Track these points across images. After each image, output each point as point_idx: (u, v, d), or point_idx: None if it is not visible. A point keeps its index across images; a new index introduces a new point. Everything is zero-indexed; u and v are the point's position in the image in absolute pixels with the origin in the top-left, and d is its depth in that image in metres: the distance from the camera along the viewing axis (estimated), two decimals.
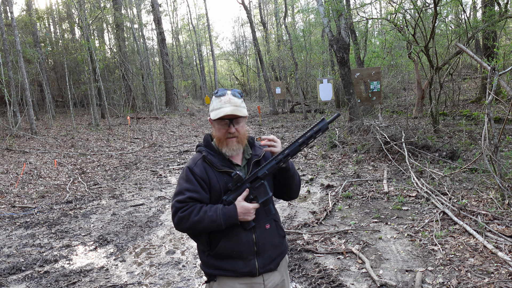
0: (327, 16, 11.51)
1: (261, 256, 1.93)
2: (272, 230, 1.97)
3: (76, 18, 21.80)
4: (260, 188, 1.85)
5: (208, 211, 1.83)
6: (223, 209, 1.83)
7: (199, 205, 1.86)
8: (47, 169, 9.60)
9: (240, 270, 1.90)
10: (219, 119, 1.88)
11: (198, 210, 1.84)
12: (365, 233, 4.54)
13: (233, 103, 1.88)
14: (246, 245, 1.89)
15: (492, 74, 5.03)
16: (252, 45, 34.64)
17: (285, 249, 2.08)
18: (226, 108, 1.86)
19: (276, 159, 1.84)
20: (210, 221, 1.81)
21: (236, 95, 1.92)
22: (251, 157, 2.00)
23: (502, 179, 4.81)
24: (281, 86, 21.43)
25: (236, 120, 1.89)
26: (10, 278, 4.13)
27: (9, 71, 14.30)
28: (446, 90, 13.52)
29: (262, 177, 1.85)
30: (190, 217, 1.82)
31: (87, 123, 18.17)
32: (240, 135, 1.91)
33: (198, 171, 1.90)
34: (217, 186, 1.90)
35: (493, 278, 3.26)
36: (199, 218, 1.82)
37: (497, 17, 10.35)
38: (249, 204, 1.84)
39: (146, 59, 25.57)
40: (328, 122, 1.87)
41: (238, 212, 1.82)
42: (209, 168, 1.92)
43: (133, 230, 5.38)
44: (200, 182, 1.88)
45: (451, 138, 8.90)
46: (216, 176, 1.90)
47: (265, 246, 1.94)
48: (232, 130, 1.88)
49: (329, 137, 10.52)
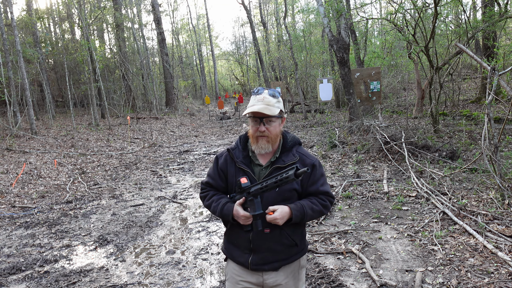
0: (327, 16, 11.51)
1: (255, 255, 2.00)
2: (273, 236, 1.96)
3: (76, 18, 21.81)
4: (251, 202, 1.88)
5: (214, 202, 2.04)
6: (223, 206, 1.97)
7: (212, 192, 2.10)
8: (47, 169, 9.60)
9: (237, 258, 2.06)
10: (249, 116, 1.94)
11: (210, 197, 2.09)
12: (365, 233, 4.54)
13: (266, 101, 1.91)
14: (243, 240, 2.01)
15: (492, 74, 5.03)
16: (252, 45, 34.65)
17: (294, 256, 2.05)
18: (255, 106, 1.90)
19: (261, 184, 1.84)
20: (213, 211, 2.03)
21: (273, 94, 1.94)
22: (276, 160, 2.00)
23: (502, 179, 4.81)
24: (281, 86, 21.43)
25: (267, 120, 1.91)
26: (10, 278, 4.13)
27: (9, 71, 14.30)
28: (446, 90, 13.51)
29: (253, 194, 1.87)
30: (204, 201, 2.12)
31: (87, 123, 18.17)
32: (271, 135, 1.93)
33: (221, 162, 2.08)
34: (232, 180, 2.03)
35: (493, 278, 3.26)
36: (207, 204, 2.08)
37: (497, 17, 10.35)
38: (241, 211, 1.89)
39: (146, 59, 25.57)
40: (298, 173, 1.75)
41: (233, 213, 1.93)
42: (230, 161, 2.05)
43: (133, 230, 5.38)
44: (219, 172, 2.08)
45: (451, 138, 8.89)
46: (234, 171, 2.02)
47: (259, 247, 1.98)
48: (262, 128, 1.91)
49: (329, 137, 10.52)
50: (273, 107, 1.91)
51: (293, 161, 1.97)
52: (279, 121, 1.96)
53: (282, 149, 2.03)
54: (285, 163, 1.97)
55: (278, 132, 1.98)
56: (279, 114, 1.94)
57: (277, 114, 1.92)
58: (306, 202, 1.97)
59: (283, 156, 2.00)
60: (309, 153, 2.12)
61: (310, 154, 2.11)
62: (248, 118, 1.98)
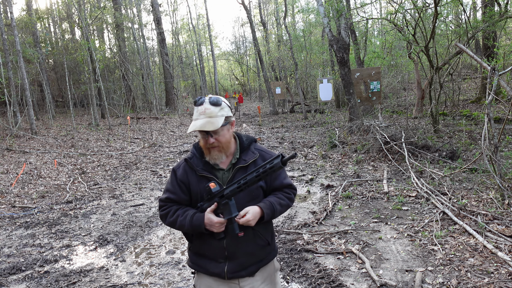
0: (327, 16, 11.51)
1: (231, 262, 1.93)
2: (247, 238, 1.91)
3: (76, 18, 21.80)
4: (225, 206, 1.81)
5: (180, 216, 1.91)
6: (193, 217, 1.87)
7: (175, 207, 1.96)
8: (47, 169, 9.60)
9: (211, 270, 1.96)
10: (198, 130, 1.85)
11: (173, 212, 1.95)
12: (365, 233, 4.54)
13: (208, 114, 1.83)
14: (217, 248, 1.92)
15: (492, 74, 5.03)
16: (252, 45, 34.65)
17: (268, 257, 2.03)
18: (197, 122, 1.83)
19: (238, 183, 1.78)
20: (180, 225, 1.90)
21: (214, 102, 1.85)
22: (237, 161, 1.96)
23: (502, 179, 4.81)
24: (281, 86, 21.44)
25: (214, 131, 1.85)
26: (10, 278, 4.13)
27: (9, 71, 14.30)
28: (446, 90, 13.52)
29: (227, 197, 1.81)
30: (167, 218, 1.96)
31: (87, 123, 18.17)
32: (221, 144, 1.89)
33: (179, 174, 1.97)
34: (196, 189, 1.94)
35: (493, 278, 3.26)
36: (173, 220, 1.93)
37: (497, 17, 10.35)
38: (214, 218, 1.81)
39: (146, 59, 25.57)
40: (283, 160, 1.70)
41: (205, 222, 1.83)
42: (190, 171, 1.95)
43: (133, 230, 5.39)
44: (179, 185, 1.96)
45: (451, 138, 8.90)
46: (196, 180, 1.93)
47: (235, 253, 1.92)
48: (211, 141, 1.86)
49: (329, 137, 10.52)
50: (216, 118, 1.83)
51: (254, 158, 1.95)
52: (227, 127, 1.90)
53: (241, 149, 2.00)
54: (247, 162, 1.94)
55: (229, 138, 1.93)
56: (225, 121, 1.87)
57: (221, 124, 1.85)
58: (274, 199, 1.95)
59: (243, 156, 1.97)
60: (267, 148, 2.10)
61: (268, 149, 2.09)
62: (198, 133, 1.93)
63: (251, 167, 1.93)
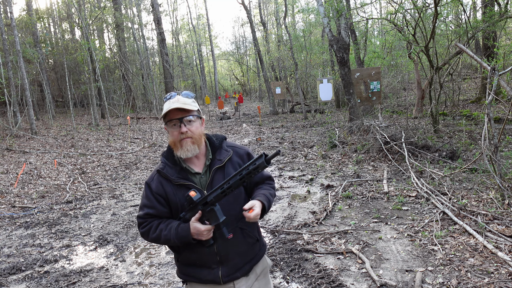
0: (327, 16, 11.51)
1: (225, 266, 1.89)
2: (237, 238, 1.88)
3: (76, 18, 21.79)
4: (210, 212, 1.75)
5: (164, 230, 1.82)
6: (177, 229, 1.79)
7: (156, 221, 1.86)
8: (47, 169, 9.60)
9: (204, 278, 1.90)
10: (169, 120, 1.82)
11: (155, 227, 1.85)
12: (365, 233, 4.54)
13: (182, 101, 1.81)
14: (208, 255, 1.87)
15: (492, 74, 5.03)
16: (252, 45, 34.64)
17: (258, 253, 2.01)
18: (172, 105, 1.79)
19: (222, 188, 1.72)
20: (166, 240, 1.82)
21: (186, 95, 1.86)
22: (212, 162, 1.91)
23: (502, 179, 4.81)
24: (281, 86, 21.44)
25: (186, 120, 1.81)
26: (10, 278, 4.13)
27: (9, 71, 14.30)
28: (446, 90, 13.52)
29: (211, 203, 1.74)
30: (149, 234, 1.86)
31: (87, 123, 18.17)
32: (194, 135, 1.83)
33: (154, 186, 1.88)
34: (174, 199, 1.86)
35: (493, 278, 3.26)
36: (156, 236, 1.84)
37: (497, 17, 10.35)
38: (201, 226, 1.74)
39: (146, 59, 25.57)
40: (267, 159, 1.65)
41: (191, 232, 1.76)
42: (165, 182, 1.87)
43: (133, 230, 5.38)
44: (157, 198, 1.87)
45: (451, 138, 8.89)
46: (173, 190, 1.86)
47: (228, 256, 1.89)
48: (184, 129, 1.80)
49: (329, 137, 10.52)
50: (190, 105, 1.82)
51: (228, 156, 1.92)
52: (199, 121, 1.88)
53: (213, 149, 1.95)
54: (222, 161, 1.90)
55: (201, 133, 1.89)
56: (197, 113, 1.87)
57: (196, 111, 1.85)
58: (264, 191, 1.92)
59: (216, 156, 1.93)
60: (238, 144, 2.04)
61: (239, 144, 2.05)
62: (167, 127, 1.86)
63: (227, 166, 1.90)
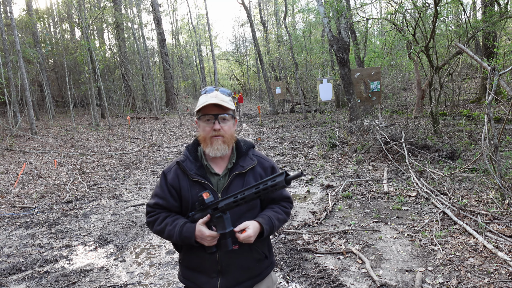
0: (327, 16, 11.51)
1: (224, 276, 1.80)
2: (243, 251, 1.78)
3: (76, 18, 21.80)
4: (219, 219, 1.68)
5: (169, 225, 1.76)
6: (182, 227, 1.73)
7: (164, 214, 1.81)
8: (47, 169, 9.60)
9: (203, 286, 1.83)
10: (203, 115, 1.76)
11: (161, 220, 1.80)
12: (365, 233, 4.54)
13: (220, 98, 1.76)
14: (209, 262, 1.79)
15: (492, 74, 5.03)
16: (252, 45, 34.63)
17: (265, 271, 1.90)
18: (210, 100, 1.74)
19: (235, 197, 1.65)
20: (168, 235, 1.76)
21: (224, 93, 1.81)
22: (234, 167, 1.83)
23: (502, 179, 4.81)
24: (281, 86, 21.45)
25: (221, 118, 1.76)
26: (10, 278, 4.13)
27: (9, 71, 14.30)
28: (446, 90, 13.53)
29: (221, 210, 1.66)
30: (154, 225, 1.81)
31: (87, 123, 18.17)
32: (226, 135, 1.77)
33: (170, 177, 1.83)
34: (187, 195, 1.79)
35: (493, 278, 3.26)
36: (160, 229, 1.78)
37: (497, 17, 10.35)
38: (206, 231, 1.67)
39: (146, 59, 25.58)
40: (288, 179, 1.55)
41: (196, 234, 1.69)
42: (182, 175, 1.81)
43: (133, 230, 5.38)
44: (170, 190, 1.81)
45: (451, 138, 8.90)
46: (188, 185, 1.79)
47: (229, 267, 1.79)
48: (217, 126, 1.74)
49: (329, 137, 10.52)
50: (228, 103, 1.76)
51: (252, 165, 1.83)
52: (233, 121, 1.82)
53: (238, 154, 1.86)
54: (245, 168, 1.81)
55: (233, 133, 1.82)
56: (232, 113, 1.81)
57: (232, 110, 1.79)
58: (271, 213, 1.82)
59: (240, 161, 1.84)
60: (264, 155, 1.98)
61: (266, 156, 1.98)
62: (199, 121, 1.80)
63: (248, 174, 1.83)
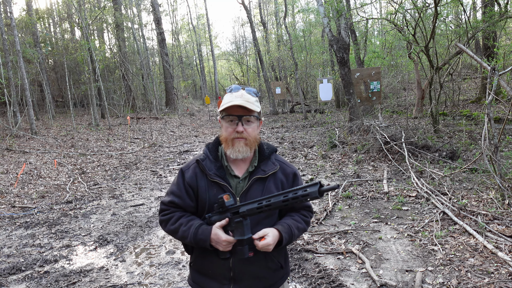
0: (327, 16, 11.51)
1: (237, 285, 1.73)
2: (257, 260, 1.70)
3: (76, 18, 21.79)
4: (238, 224, 1.60)
5: (183, 225, 1.69)
6: (197, 229, 1.66)
7: (178, 213, 1.74)
8: (47, 169, 9.60)
9: None
10: (227, 115, 1.69)
11: (175, 219, 1.73)
12: (365, 233, 4.54)
13: (245, 98, 1.69)
14: (221, 268, 1.73)
15: (492, 74, 5.02)
16: (252, 45, 34.62)
17: (279, 281, 1.83)
18: (235, 100, 1.67)
19: (260, 203, 1.57)
20: (182, 237, 1.69)
21: (250, 92, 1.74)
22: (255, 171, 1.76)
23: (502, 179, 4.81)
24: (281, 86, 21.44)
25: (245, 119, 1.69)
26: (10, 278, 4.13)
27: (9, 71, 14.30)
28: (446, 90, 13.52)
29: (242, 215, 1.59)
30: (168, 224, 1.74)
31: (87, 123, 18.17)
32: (249, 137, 1.70)
33: (188, 176, 1.76)
34: (204, 196, 1.73)
35: (493, 278, 3.26)
36: (174, 228, 1.72)
37: (497, 17, 10.35)
38: (223, 235, 1.60)
39: (146, 59, 25.58)
40: (321, 190, 1.46)
41: (211, 238, 1.62)
42: (200, 174, 1.75)
43: (133, 230, 5.38)
44: (186, 188, 1.75)
45: (451, 138, 8.89)
46: (206, 185, 1.73)
47: (243, 275, 1.73)
48: (240, 129, 1.67)
49: (329, 137, 10.52)
50: (253, 105, 1.69)
51: (274, 170, 1.76)
52: (257, 123, 1.74)
53: (260, 158, 1.79)
54: (266, 173, 1.74)
55: (257, 136, 1.74)
56: (258, 115, 1.73)
57: (257, 112, 1.71)
58: (291, 221, 1.75)
59: (262, 166, 1.77)
60: (287, 161, 1.92)
61: (288, 162, 1.91)
62: (222, 120, 1.73)
63: (269, 180, 1.76)
